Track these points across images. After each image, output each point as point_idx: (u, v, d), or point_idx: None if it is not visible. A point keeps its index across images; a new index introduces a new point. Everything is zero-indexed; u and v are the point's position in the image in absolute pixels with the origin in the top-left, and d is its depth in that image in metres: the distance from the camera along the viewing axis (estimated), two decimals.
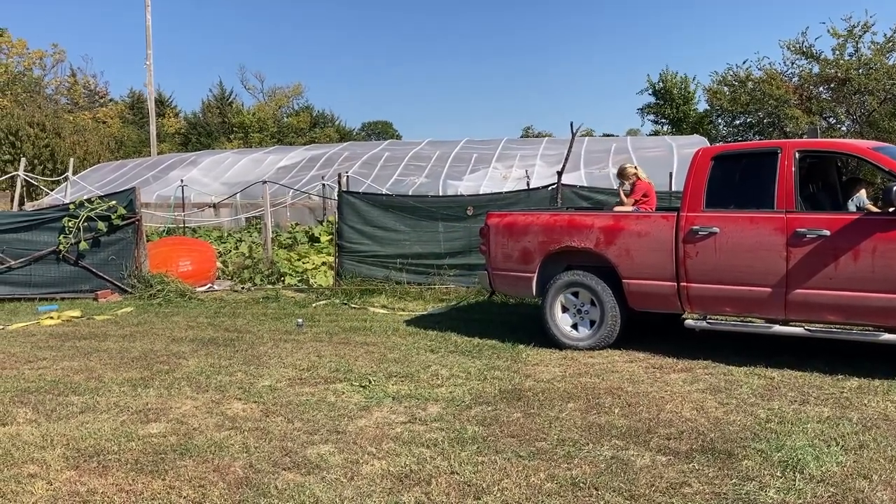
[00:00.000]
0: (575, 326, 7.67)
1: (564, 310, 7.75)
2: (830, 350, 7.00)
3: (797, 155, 6.70)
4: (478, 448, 4.84)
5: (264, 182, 14.19)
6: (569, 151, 11.50)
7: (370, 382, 6.44)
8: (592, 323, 7.57)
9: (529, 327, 8.73)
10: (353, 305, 10.65)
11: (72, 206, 11.69)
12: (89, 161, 29.85)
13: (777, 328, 6.73)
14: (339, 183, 11.79)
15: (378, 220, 11.61)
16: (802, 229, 6.42)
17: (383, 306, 10.47)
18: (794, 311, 6.57)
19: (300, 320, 9.15)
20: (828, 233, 6.32)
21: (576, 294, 7.67)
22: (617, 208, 8.76)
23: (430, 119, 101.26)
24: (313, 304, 10.74)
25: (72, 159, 18.80)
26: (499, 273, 8.31)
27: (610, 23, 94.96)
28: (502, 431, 5.16)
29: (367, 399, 5.99)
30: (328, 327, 9.05)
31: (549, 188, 11.04)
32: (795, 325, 6.66)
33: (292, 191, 17.90)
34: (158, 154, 30.97)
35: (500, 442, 4.96)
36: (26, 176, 17.18)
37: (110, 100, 51.53)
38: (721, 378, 6.35)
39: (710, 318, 7.18)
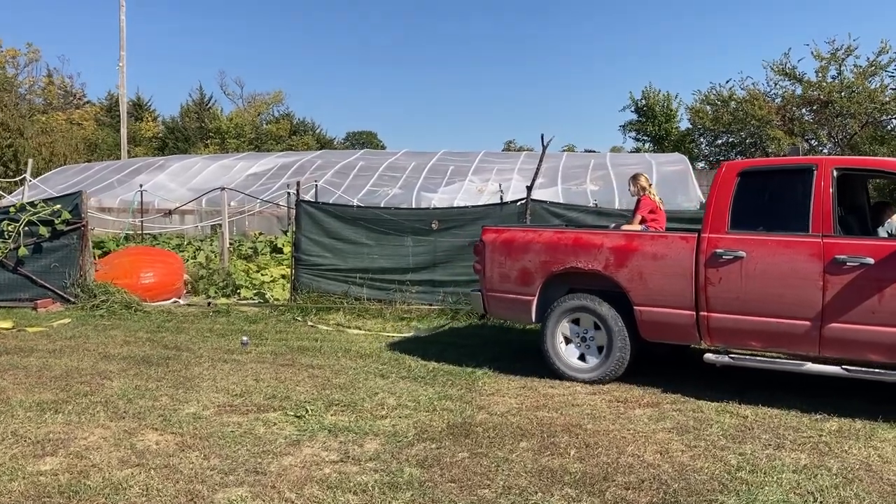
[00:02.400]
0: (582, 357, 6.92)
1: (568, 341, 7.00)
2: (808, 384, 6.50)
3: (835, 173, 6.01)
4: (412, 496, 4.28)
5: (223, 189, 13.57)
6: (539, 165, 11.00)
7: (307, 412, 5.85)
8: (600, 351, 6.82)
9: (491, 351, 8.21)
10: (308, 322, 10.04)
11: (12, 210, 11.01)
12: (55, 163, 29.03)
13: (809, 366, 5.97)
14: (297, 192, 11.17)
15: (338, 232, 11.00)
16: (842, 256, 5.73)
17: (339, 324, 9.87)
18: (829, 348, 5.88)
19: (245, 338, 8.54)
20: (871, 261, 5.63)
21: (577, 321, 6.96)
22: (625, 227, 7.93)
23: (415, 130, 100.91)
24: (264, 321, 10.11)
25: (30, 160, 18.08)
26: (494, 295, 7.48)
27: (595, 39, 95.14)
28: (443, 475, 4.59)
29: (300, 431, 5.40)
30: (275, 346, 8.44)
31: (519, 203, 10.51)
32: (831, 364, 5.97)
33: (259, 200, 17.28)
34: (133, 158, 30.26)
35: (439, 489, 4.39)
36: None
37: (87, 101, 50.64)
38: (690, 416, 5.81)
39: (732, 353, 6.35)
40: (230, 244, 14.80)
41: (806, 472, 4.62)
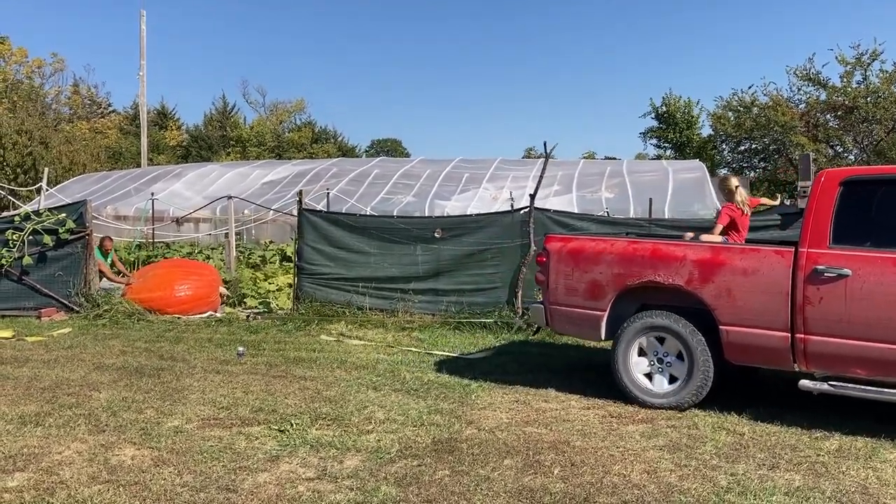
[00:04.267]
0: (650, 377, 6.42)
1: (641, 362, 6.46)
2: (812, 402, 6.24)
3: None
4: None
5: (229, 198, 13.53)
6: (542, 172, 10.81)
7: (291, 426, 5.72)
8: (675, 376, 6.30)
9: (489, 363, 8.05)
10: (310, 332, 9.94)
11: (17, 219, 11.04)
12: (75, 171, 29.31)
13: None
14: (300, 201, 11.09)
15: (340, 241, 10.91)
16: None
17: (340, 334, 9.75)
18: None
19: (241, 349, 8.45)
20: None
21: (661, 340, 6.39)
22: (704, 237, 7.32)
23: (438, 138, 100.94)
24: (265, 331, 10.03)
25: (46, 169, 18.19)
26: (559, 309, 6.92)
27: (617, 46, 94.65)
28: (419, 494, 4.44)
29: (281, 446, 5.28)
30: (271, 357, 8.34)
31: (522, 211, 10.34)
32: None
33: (271, 209, 17.26)
34: (153, 166, 30.48)
35: None
36: None
37: (112, 110, 51.25)
38: (684, 433, 5.60)
39: (833, 381, 5.71)
40: (240, 253, 14.79)
41: (798, 495, 4.40)
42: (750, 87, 35.78)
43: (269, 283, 12.44)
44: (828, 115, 33.45)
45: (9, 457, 4.96)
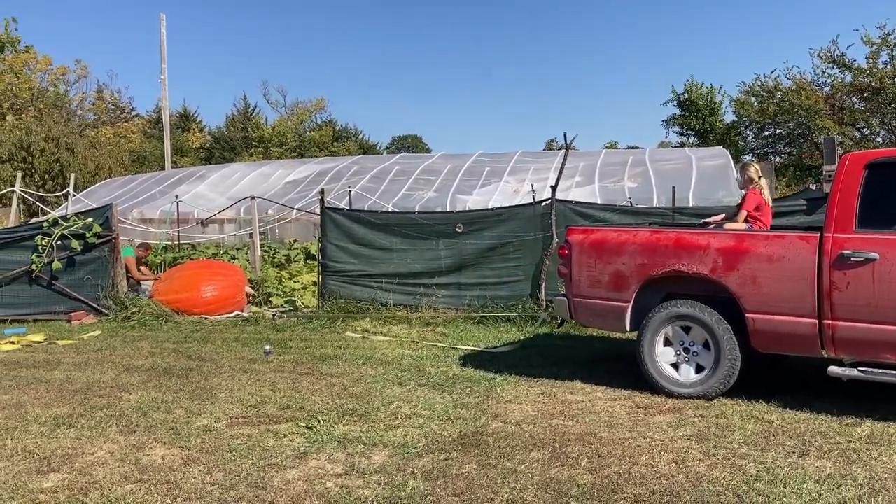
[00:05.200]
0: (676, 367, 6.38)
1: (667, 353, 6.42)
2: (843, 386, 6.16)
3: None
4: None
5: (252, 198, 13.63)
6: (563, 164, 10.76)
7: (318, 423, 5.77)
8: (701, 365, 6.26)
9: (514, 356, 8.05)
10: (336, 329, 10.00)
11: (45, 224, 11.21)
12: (101, 176, 29.67)
13: None
14: (322, 199, 11.15)
15: (363, 238, 10.96)
16: None
17: (365, 331, 9.80)
18: None
19: (268, 347, 8.52)
20: None
21: (687, 330, 6.34)
22: (728, 225, 7.37)
23: (458, 133, 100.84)
24: (291, 329, 10.10)
25: (73, 175, 18.47)
26: (583, 301, 6.91)
27: (637, 34, 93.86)
28: (447, 488, 4.45)
29: (309, 443, 5.32)
30: (297, 355, 8.40)
31: (544, 203, 10.31)
32: None
33: (294, 209, 17.36)
34: (177, 169, 30.76)
35: (441, 503, 4.25)
36: (23, 192, 16.83)
37: (135, 115, 51.79)
38: (712, 422, 5.56)
39: (862, 367, 5.64)
40: (265, 252, 14.88)
41: (829, 482, 4.36)
42: (773, 72, 35.18)
43: (294, 282, 12.52)
44: (853, 98, 32.96)
45: (43, 458, 5.05)
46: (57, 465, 4.92)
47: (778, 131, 36.73)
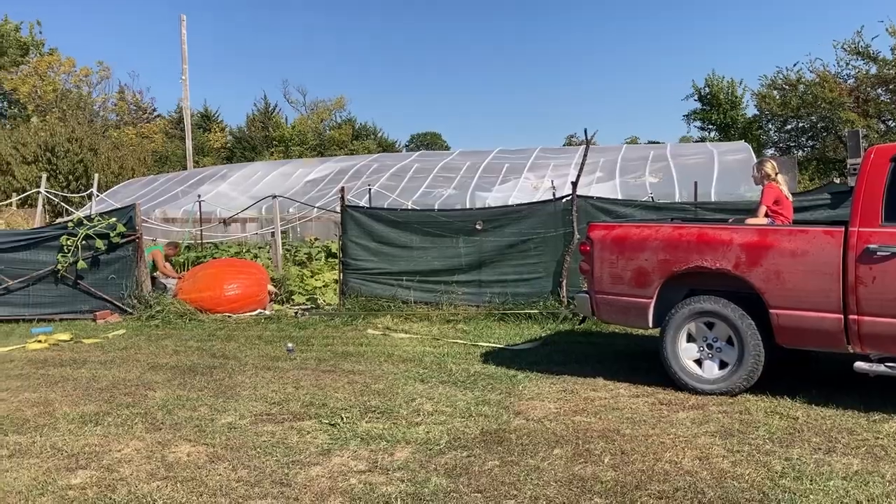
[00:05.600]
0: (699, 363, 6.34)
1: (690, 349, 6.39)
2: (868, 384, 6.10)
3: None
4: None
5: (274, 197, 13.71)
6: (583, 160, 10.72)
7: (342, 419, 5.80)
8: (724, 361, 6.22)
9: (535, 353, 8.04)
10: (357, 326, 10.05)
11: (70, 224, 11.35)
12: (124, 176, 30.01)
13: None
14: (342, 197, 11.19)
15: (383, 236, 10.99)
16: None
17: (386, 328, 9.83)
18: None
19: (290, 345, 8.57)
20: None
21: (710, 326, 6.31)
22: (748, 220, 7.28)
23: (477, 129, 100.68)
24: (313, 326, 10.16)
25: (97, 175, 18.68)
26: (605, 297, 6.90)
27: (657, 27, 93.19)
28: (469, 485, 4.46)
29: (332, 440, 5.35)
30: (319, 352, 8.45)
31: (564, 200, 10.28)
32: None
33: (315, 207, 17.43)
34: (198, 168, 31.01)
35: (463, 500, 4.26)
36: (48, 192, 17.04)
37: (157, 115, 52.24)
38: (736, 418, 5.53)
39: (889, 362, 5.56)
40: (287, 251, 14.97)
41: (857, 479, 4.32)
42: (795, 65, 35.07)
43: (316, 280, 12.58)
44: (879, 90, 32.54)
45: (71, 455, 5.12)
46: (85, 462, 4.98)
47: (801, 125, 36.38)
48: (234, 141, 52.80)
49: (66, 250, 11.08)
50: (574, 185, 10.16)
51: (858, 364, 5.66)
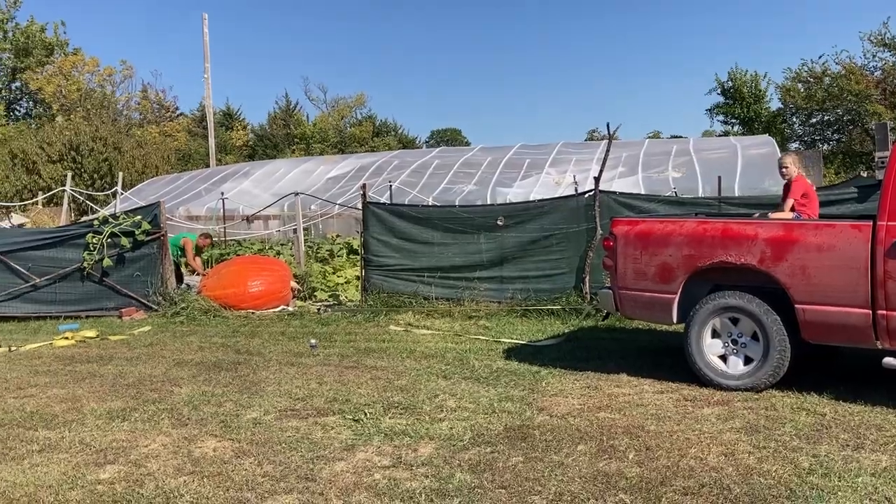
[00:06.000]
0: (724, 359, 6.29)
1: (715, 345, 6.33)
2: None
3: None
4: (459, 503, 4.16)
5: (297, 194, 13.79)
6: (606, 155, 10.66)
7: (365, 415, 5.82)
8: (749, 357, 6.16)
9: (558, 349, 8.02)
10: (379, 323, 10.08)
11: (96, 222, 11.48)
12: (148, 174, 30.30)
13: None
14: (364, 194, 11.22)
15: (405, 232, 11.01)
16: None
17: (408, 324, 9.85)
18: None
19: (313, 341, 8.62)
20: None
21: (735, 321, 6.25)
22: (774, 214, 7.23)
23: (498, 125, 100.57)
24: (335, 323, 10.21)
25: (121, 173, 18.90)
26: (629, 293, 6.86)
27: (681, 21, 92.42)
28: (494, 481, 4.46)
29: (356, 436, 5.37)
30: (342, 348, 8.49)
31: (587, 195, 10.24)
32: None
33: (336, 204, 17.51)
34: (221, 166, 31.25)
35: (488, 496, 4.26)
36: (73, 191, 17.24)
37: (180, 113, 52.68)
38: (762, 414, 5.48)
39: None
40: (309, 248, 15.06)
41: (886, 476, 4.27)
42: (820, 57, 34.60)
43: (338, 276, 12.64)
44: None
45: (99, 450, 5.19)
46: (113, 458, 5.04)
47: (826, 118, 36.00)
48: (256, 139, 53.16)
49: (91, 248, 11.20)
50: (596, 180, 10.12)
51: (887, 360, 5.59)
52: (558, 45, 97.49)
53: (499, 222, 10.39)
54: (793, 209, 7.32)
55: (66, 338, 9.48)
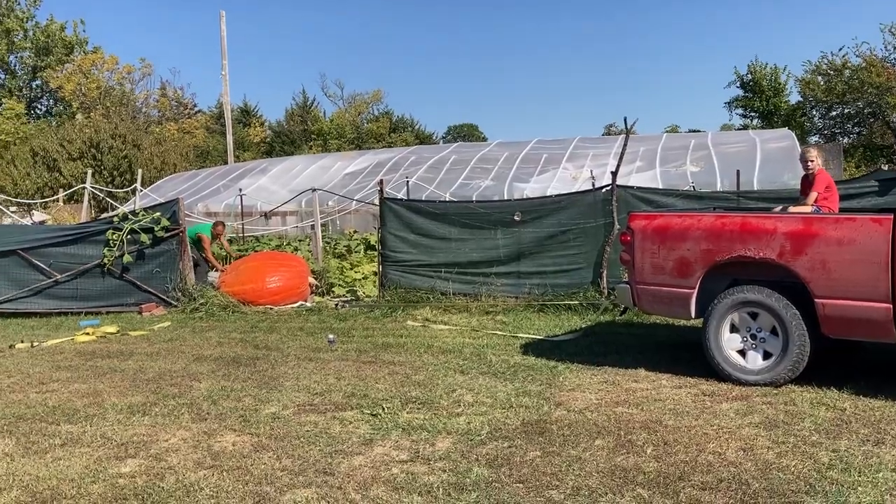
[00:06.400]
0: (743, 354, 6.27)
1: (733, 340, 6.31)
2: None
3: None
4: (476, 497, 4.18)
5: (314, 190, 13.84)
6: (623, 149, 10.61)
7: (383, 410, 5.84)
8: (768, 352, 6.14)
9: (576, 345, 8.01)
10: (396, 318, 10.11)
11: (116, 219, 11.59)
12: (167, 171, 30.51)
13: None
14: (381, 190, 11.25)
15: (422, 228, 11.03)
16: None
17: (425, 319, 9.87)
18: None
19: (331, 336, 8.65)
20: None
21: (754, 316, 6.22)
22: (794, 208, 7.23)
23: (515, 120, 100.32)
24: (353, 318, 10.25)
25: (140, 170, 19.03)
26: (646, 288, 6.84)
27: (699, 14, 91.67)
28: (511, 475, 4.47)
29: (374, 430, 5.40)
30: (360, 344, 8.52)
31: (604, 190, 10.21)
32: None
33: (354, 200, 17.56)
34: (239, 163, 31.40)
35: (505, 490, 4.27)
36: (93, 188, 17.40)
37: (198, 111, 52.95)
38: (781, 409, 5.45)
39: None
40: (327, 243, 15.11)
41: None
42: (840, 49, 34.08)
43: (355, 272, 12.68)
44: None
45: (121, 444, 5.25)
46: (134, 451, 5.10)
47: (846, 111, 35.62)
48: (273, 135, 53.36)
49: (111, 244, 11.30)
50: (614, 174, 10.08)
51: None
52: (575, 39, 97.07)
53: (516, 217, 10.38)
54: (815, 202, 7.27)
55: (87, 333, 9.58)
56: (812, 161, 7.53)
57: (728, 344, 6.32)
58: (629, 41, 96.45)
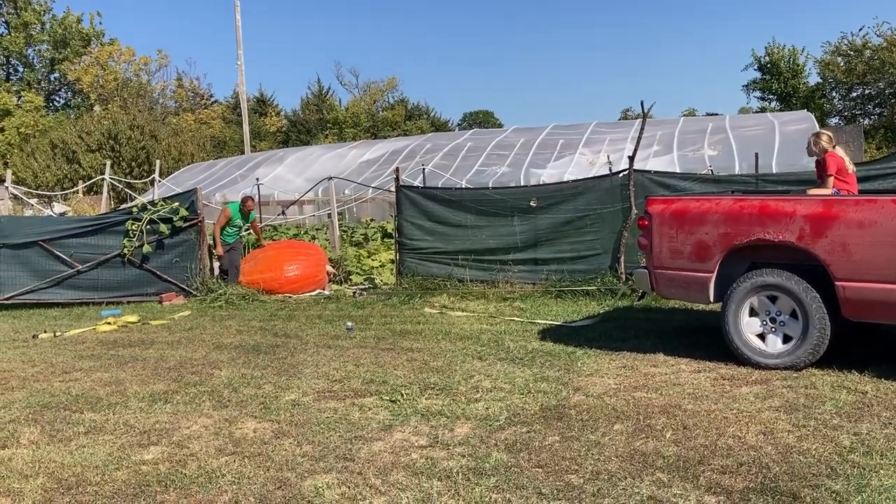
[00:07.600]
0: (763, 338, 6.22)
1: (753, 323, 6.27)
2: None
3: None
4: (496, 482, 4.19)
5: (330, 179, 13.86)
6: (640, 133, 10.54)
7: (402, 396, 5.87)
8: (788, 335, 6.09)
9: (593, 330, 8.00)
10: (414, 305, 10.14)
11: (135, 209, 11.68)
12: (184, 162, 30.67)
13: None
14: (397, 178, 11.26)
15: (438, 215, 11.04)
16: None
17: (443, 306, 9.89)
18: None
19: (350, 324, 8.70)
20: None
21: (773, 299, 6.18)
22: (813, 191, 7.15)
23: (530, 106, 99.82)
24: (371, 306, 10.29)
25: (158, 161, 19.17)
26: (664, 272, 6.81)
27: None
28: (530, 460, 4.48)
29: (393, 416, 5.43)
30: (378, 331, 8.56)
31: (621, 175, 10.15)
32: None
33: (370, 187, 17.57)
34: (256, 152, 31.51)
35: (525, 474, 4.28)
36: (112, 179, 17.53)
37: (214, 101, 53.12)
38: (801, 393, 5.42)
39: None
40: (344, 231, 15.16)
41: None
42: (861, 29, 33.64)
43: (373, 260, 12.73)
44: None
45: (143, 432, 5.31)
46: (156, 439, 5.16)
47: (867, 91, 35.16)
48: (289, 125, 53.42)
49: (131, 235, 11.40)
50: (631, 159, 10.03)
51: None
52: (591, 24, 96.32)
53: (532, 204, 10.36)
54: (833, 185, 7.19)
55: (109, 323, 9.68)
56: (814, 147, 7.47)
57: (747, 328, 6.29)
58: (647, 24, 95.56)
